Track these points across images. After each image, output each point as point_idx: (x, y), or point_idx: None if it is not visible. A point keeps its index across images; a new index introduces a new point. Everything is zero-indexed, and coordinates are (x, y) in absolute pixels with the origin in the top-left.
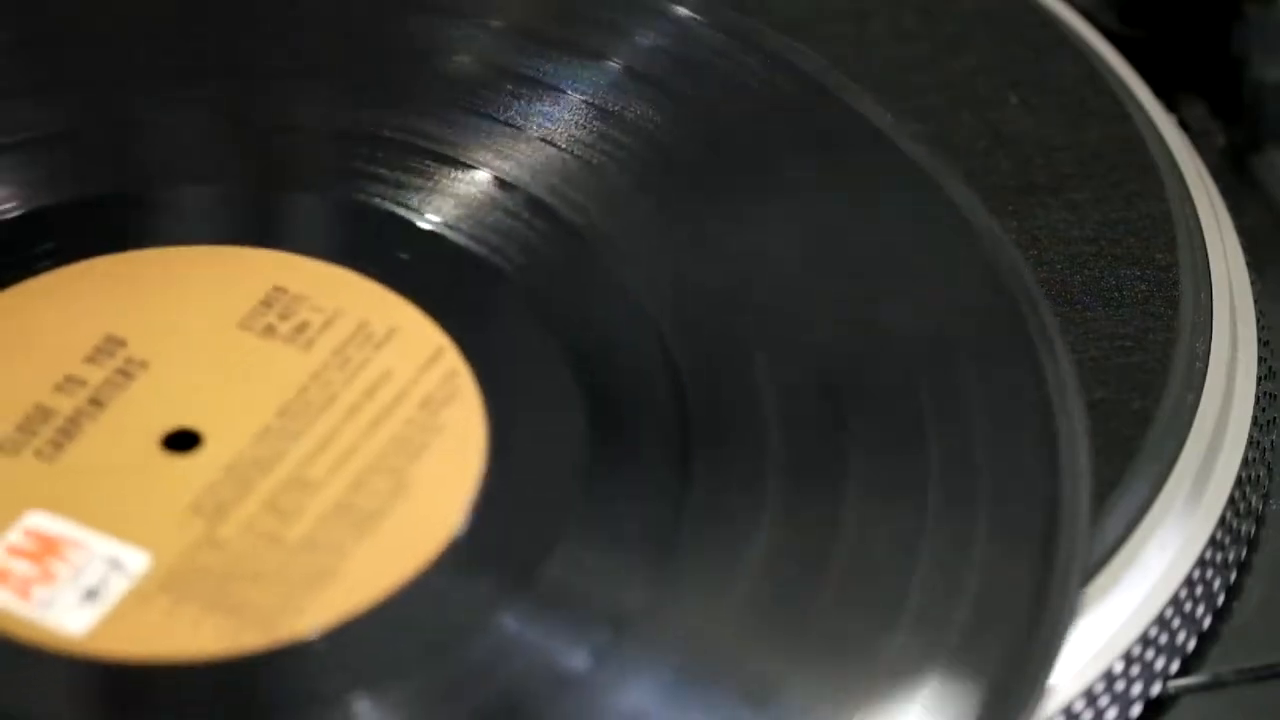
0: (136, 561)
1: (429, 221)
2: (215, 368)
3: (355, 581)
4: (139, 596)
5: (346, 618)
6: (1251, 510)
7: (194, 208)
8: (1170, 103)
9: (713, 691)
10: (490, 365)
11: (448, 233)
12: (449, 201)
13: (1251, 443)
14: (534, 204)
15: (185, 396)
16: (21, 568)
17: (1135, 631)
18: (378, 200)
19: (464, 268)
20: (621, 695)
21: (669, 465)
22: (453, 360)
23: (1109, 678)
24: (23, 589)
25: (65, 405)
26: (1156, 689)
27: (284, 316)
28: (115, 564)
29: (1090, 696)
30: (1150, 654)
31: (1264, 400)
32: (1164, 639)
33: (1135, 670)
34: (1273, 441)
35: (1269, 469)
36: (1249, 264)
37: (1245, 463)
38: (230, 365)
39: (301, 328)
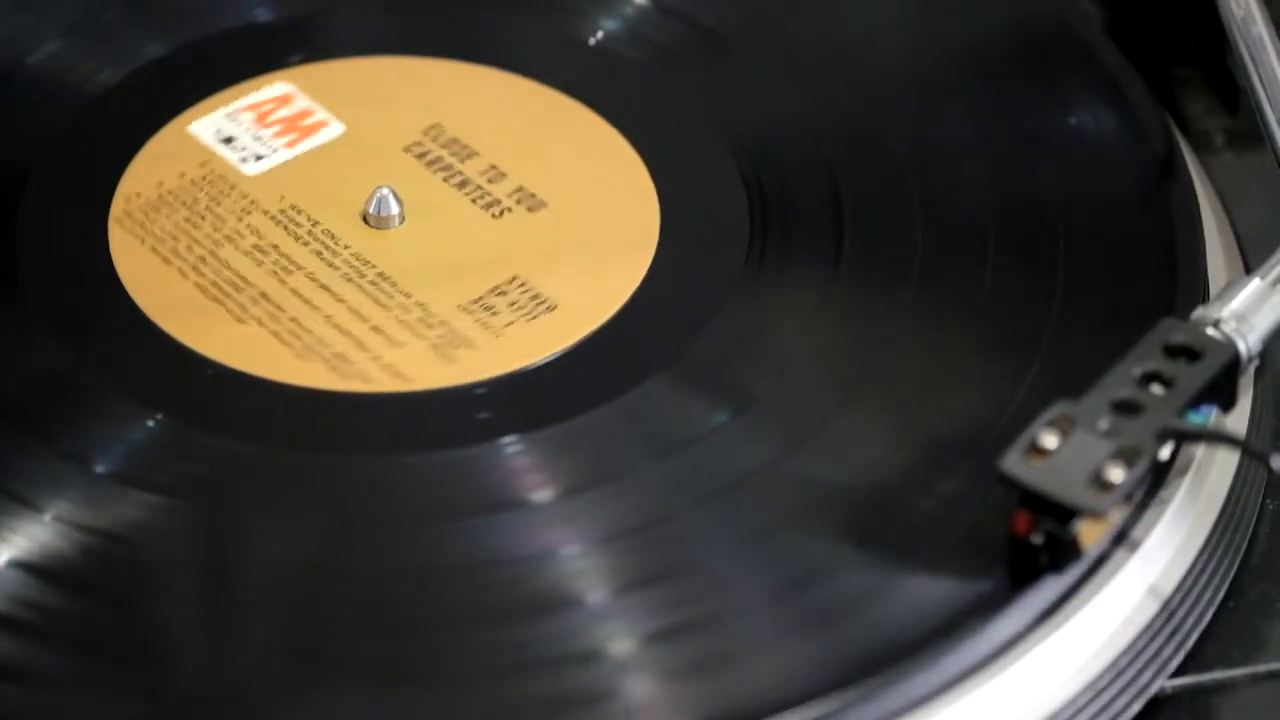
0: None
1: None
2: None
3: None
4: None
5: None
6: (1247, 515)
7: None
8: (1170, 101)
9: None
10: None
11: None
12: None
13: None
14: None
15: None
16: None
17: (1124, 641)
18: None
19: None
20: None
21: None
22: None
23: (1095, 689)
24: None
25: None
26: (1146, 699)
27: None
28: None
29: (1077, 706)
30: (1139, 664)
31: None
32: (1154, 649)
33: (1123, 681)
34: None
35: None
36: (1248, 270)
37: (1240, 469)
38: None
39: None
